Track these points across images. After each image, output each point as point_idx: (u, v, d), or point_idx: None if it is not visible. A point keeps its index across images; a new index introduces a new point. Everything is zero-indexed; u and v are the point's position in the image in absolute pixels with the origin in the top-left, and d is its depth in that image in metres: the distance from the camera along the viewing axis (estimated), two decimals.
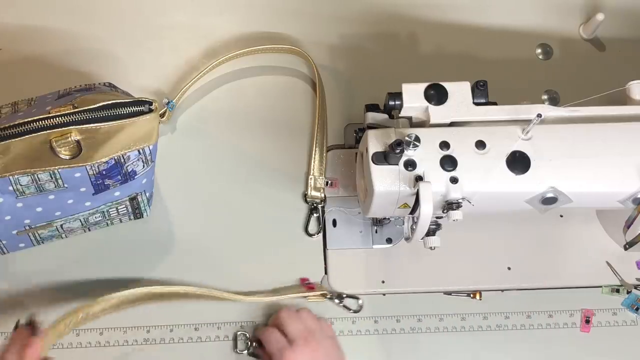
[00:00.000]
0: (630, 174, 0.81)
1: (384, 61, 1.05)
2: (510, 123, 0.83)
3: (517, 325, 0.93)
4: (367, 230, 0.96)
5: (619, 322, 0.94)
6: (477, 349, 0.92)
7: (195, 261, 0.93)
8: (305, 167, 0.99)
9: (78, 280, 0.91)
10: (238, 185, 0.97)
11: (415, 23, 1.08)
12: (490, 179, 0.80)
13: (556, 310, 0.94)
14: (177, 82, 1.01)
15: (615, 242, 0.95)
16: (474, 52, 1.07)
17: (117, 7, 1.05)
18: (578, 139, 0.83)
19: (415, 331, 0.92)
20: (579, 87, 1.04)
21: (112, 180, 0.82)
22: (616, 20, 1.09)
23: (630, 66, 1.07)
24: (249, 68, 1.04)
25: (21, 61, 1.01)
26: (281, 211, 0.97)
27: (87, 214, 0.87)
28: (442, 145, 0.81)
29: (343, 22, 1.07)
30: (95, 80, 0.98)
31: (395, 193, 0.80)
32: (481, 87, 0.85)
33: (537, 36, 1.08)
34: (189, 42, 1.04)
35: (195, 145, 0.99)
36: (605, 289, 0.95)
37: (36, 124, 0.74)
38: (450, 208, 0.80)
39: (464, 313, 0.93)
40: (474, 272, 0.94)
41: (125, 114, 0.77)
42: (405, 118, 0.86)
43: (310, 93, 1.03)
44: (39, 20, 1.03)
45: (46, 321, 0.89)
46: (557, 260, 0.95)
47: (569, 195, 0.81)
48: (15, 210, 0.81)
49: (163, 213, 0.95)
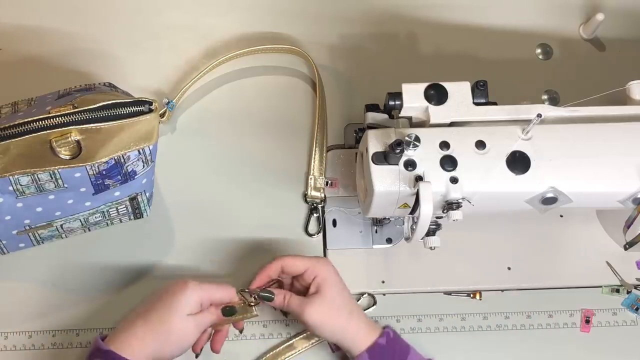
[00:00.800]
0: (630, 174, 0.81)
1: (384, 61, 1.05)
2: (510, 123, 0.83)
3: (517, 325, 0.93)
4: (367, 230, 0.96)
5: (619, 322, 0.94)
6: (477, 349, 0.92)
7: (195, 261, 0.93)
8: (305, 167, 0.99)
9: (78, 280, 0.91)
10: (238, 185, 0.97)
11: (415, 23, 1.08)
12: (490, 179, 0.80)
13: (556, 310, 0.94)
14: (177, 82, 1.01)
15: (615, 242, 0.95)
16: (474, 52, 1.07)
17: (117, 7, 1.05)
18: (578, 139, 0.83)
19: (415, 331, 0.92)
20: (579, 87, 1.04)
21: (112, 180, 0.82)
22: (616, 20, 1.09)
23: (630, 66, 1.07)
24: (249, 68, 1.04)
25: (21, 61, 1.01)
26: (281, 211, 0.97)
27: (87, 214, 0.87)
28: (442, 145, 0.81)
29: (343, 22, 1.07)
30: (95, 80, 0.98)
31: (395, 193, 0.80)
32: (481, 87, 0.85)
33: (537, 36, 1.08)
34: (189, 42, 1.04)
35: (195, 145, 0.99)
36: (605, 289, 0.95)
37: (36, 124, 0.74)
38: (450, 208, 0.80)
39: (464, 313, 0.93)
40: (474, 272, 0.94)
41: (125, 114, 0.77)
42: (405, 118, 0.86)
43: (310, 93, 1.03)
44: (38, 20, 1.03)
45: (46, 321, 0.89)
46: (557, 260, 0.95)
47: (569, 195, 0.81)
48: (15, 210, 0.81)
49: (163, 213, 0.95)
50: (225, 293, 0.82)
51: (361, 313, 0.85)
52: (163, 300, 0.80)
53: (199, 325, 0.80)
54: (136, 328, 0.78)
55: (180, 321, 0.78)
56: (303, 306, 0.82)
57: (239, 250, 0.94)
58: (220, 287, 0.82)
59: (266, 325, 0.91)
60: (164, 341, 0.78)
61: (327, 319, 0.83)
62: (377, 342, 0.83)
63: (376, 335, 0.84)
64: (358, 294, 0.93)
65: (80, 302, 0.90)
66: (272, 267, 0.85)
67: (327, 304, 0.83)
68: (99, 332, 0.89)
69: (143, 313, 0.79)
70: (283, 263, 0.85)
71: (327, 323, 0.83)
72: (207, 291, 0.81)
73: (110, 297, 0.91)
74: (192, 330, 0.80)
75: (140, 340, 0.78)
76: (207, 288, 0.81)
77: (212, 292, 0.81)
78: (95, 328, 0.89)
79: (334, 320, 0.83)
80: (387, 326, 0.87)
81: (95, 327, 0.89)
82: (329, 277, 0.84)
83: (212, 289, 0.82)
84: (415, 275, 0.94)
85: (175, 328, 0.78)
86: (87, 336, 0.89)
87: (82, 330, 0.89)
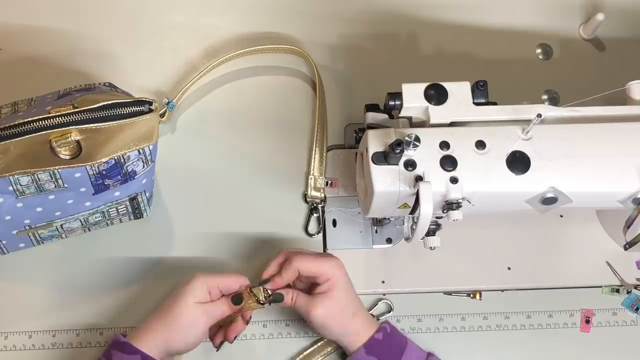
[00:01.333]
0: (630, 174, 0.81)
1: (384, 61, 1.05)
2: (510, 123, 0.83)
3: (517, 325, 0.93)
4: (367, 230, 0.96)
5: (619, 322, 0.94)
6: (477, 349, 0.92)
7: (195, 261, 0.93)
8: (305, 167, 0.99)
9: (78, 280, 0.91)
10: (238, 185, 0.97)
11: (415, 23, 1.08)
12: (490, 179, 0.80)
13: (556, 310, 0.94)
14: (177, 82, 1.01)
15: (615, 242, 0.95)
16: (474, 52, 1.07)
17: (117, 7, 1.05)
18: (578, 139, 0.83)
19: (415, 331, 0.92)
20: (579, 87, 1.04)
21: (112, 180, 0.82)
22: (616, 20, 1.09)
23: (630, 66, 1.07)
24: (249, 68, 1.04)
25: (21, 61, 1.01)
26: (281, 211, 0.97)
27: (87, 214, 0.87)
28: (442, 145, 0.81)
29: (343, 22, 1.07)
30: (95, 80, 0.98)
31: (395, 193, 0.80)
32: (481, 87, 0.85)
33: (537, 36, 1.08)
34: (189, 42, 1.04)
35: (195, 145, 0.99)
36: (605, 289, 0.95)
37: (36, 124, 0.74)
38: (450, 208, 0.80)
39: (464, 313, 0.93)
40: (474, 272, 0.94)
41: (125, 114, 0.77)
42: (405, 118, 0.86)
43: (310, 93, 1.03)
44: (39, 20, 1.03)
45: (46, 321, 0.89)
46: (557, 260, 0.95)
47: (569, 195, 0.81)
48: (15, 210, 0.81)
49: (163, 213, 0.95)
50: (234, 280, 0.84)
51: (364, 313, 0.86)
52: (173, 293, 0.83)
53: (209, 315, 0.82)
54: (148, 321, 0.82)
55: (188, 309, 0.81)
56: (310, 306, 0.83)
57: (239, 250, 0.94)
58: (229, 275, 0.84)
59: (266, 325, 0.91)
60: (174, 330, 0.81)
61: (331, 320, 0.84)
62: (373, 337, 0.84)
63: (373, 331, 0.85)
64: (375, 300, 0.93)
65: (80, 302, 0.90)
66: (278, 259, 0.86)
67: (334, 305, 0.84)
68: (99, 332, 0.89)
69: (156, 308, 0.83)
70: (297, 265, 0.84)
71: (330, 324, 0.84)
72: (214, 279, 0.83)
73: (110, 297, 0.91)
74: (200, 318, 0.81)
75: (152, 331, 0.81)
76: (215, 276, 0.83)
77: (219, 280, 0.83)
78: (96, 328, 0.89)
79: (337, 321, 0.84)
80: (386, 321, 0.88)
81: (96, 327, 0.89)
82: (340, 281, 0.84)
83: (220, 277, 0.84)
84: (415, 275, 0.94)
85: (182, 316, 0.81)
86: (87, 336, 0.89)
87: (82, 330, 0.89)
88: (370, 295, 0.93)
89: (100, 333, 0.89)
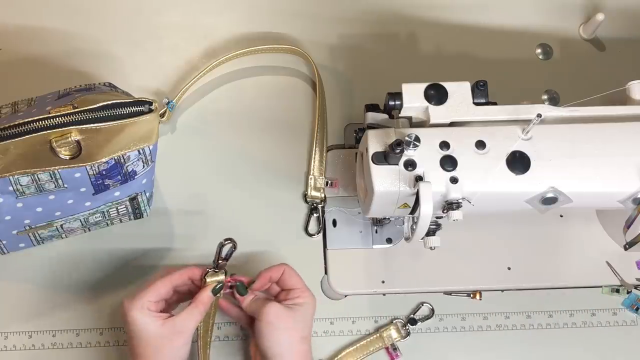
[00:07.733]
0: (630, 174, 0.81)
1: (384, 61, 1.05)
2: (510, 123, 0.83)
3: (517, 325, 0.93)
4: (367, 230, 0.96)
5: (619, 322, 0.94)
6: (477, 349, 0.92)
7: (195, 261, 0.93)
8: (305, 167, 0.99)
9: (78, 280, 0.91)
10: (238, 186, 0.97)
11: (415, 23, 1.08)
12: (490, 179, 0.80)
13: (556, 310, 0.94)
14: (177, 82, 1.01)
15: (615, 242, 0.95)
16: (474, 52, 1.07)
17: (117, 7, 1.05)
18: (578, 139, 0.83)
19: (415, 331, 0.92)
20: (579, 87, 1.04)
21: (112, 181, 0.82)
22: (616, 20, 1.09)
23: (630, 66, 1.07)
24: (249, 68, 1.04)
25: (21, 61, 1.01)
26: (281, 211, 0.97)
27: (87, 214, 0.87)
28: (442, 145, 0.81)
29: (343, 22, 1.07)
30: (95, 80, 0.98)
31: (395, 193, 0.80)
32: (481, 87, 0.85)
33: (537, 36, 1.08)
34: (189, 42, 1.04)
35: (195, 145, 0.99)
36: (605, 289, 0.95)
37: (36, 124, 0.74)
38: (450, 208, 0.80)
39: (464, 313, 0.93)
40: (474, 272, 0.94)
41: (125, 114, 0.77)
42: (405, 118, 0.86)
43: (310, 93, 1.03)
44: (39, 20, 1.03)
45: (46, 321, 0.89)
46: (557, 260, 0.96)
47: (569, 195, 0.81)
48: (15, 211, 0.81)
49: (163, 213, 0.95)
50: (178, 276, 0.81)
51: (310, 349, 0.82)
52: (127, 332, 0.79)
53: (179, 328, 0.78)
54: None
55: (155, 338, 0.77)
56: (268, 303, 0.80)
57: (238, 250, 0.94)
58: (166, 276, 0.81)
59: None
60: None
61: (281, 323, 0.80)
62: None
63: None
64: (419, 302, 0.93)
65: (80, 302, 0.90)
66: (273, 270, 0.84)
67: (291, 316, 0.80)
68: (99, 332, 0.89)
69: None
70: (286, 270, 0.84)
71: (278, 326, 0.79)
72: (148, 293, 0.78)
73: (110, 297, 0.91)
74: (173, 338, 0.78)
75: None
76: (147, 291, 0.79)
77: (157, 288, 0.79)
78: (95, 328, 0.90)
79: (285, 330, 0.80)
80: None
81: (96, 327, 0.90)
82: (309, 306, 0.82)
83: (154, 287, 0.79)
84: (415, 275, 0.94)
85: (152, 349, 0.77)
86: (87, 336, 0.89)
87: (82, 330, 0.89)
88: (369, 295, 0.93)
89: (100, 333, 0.89)
